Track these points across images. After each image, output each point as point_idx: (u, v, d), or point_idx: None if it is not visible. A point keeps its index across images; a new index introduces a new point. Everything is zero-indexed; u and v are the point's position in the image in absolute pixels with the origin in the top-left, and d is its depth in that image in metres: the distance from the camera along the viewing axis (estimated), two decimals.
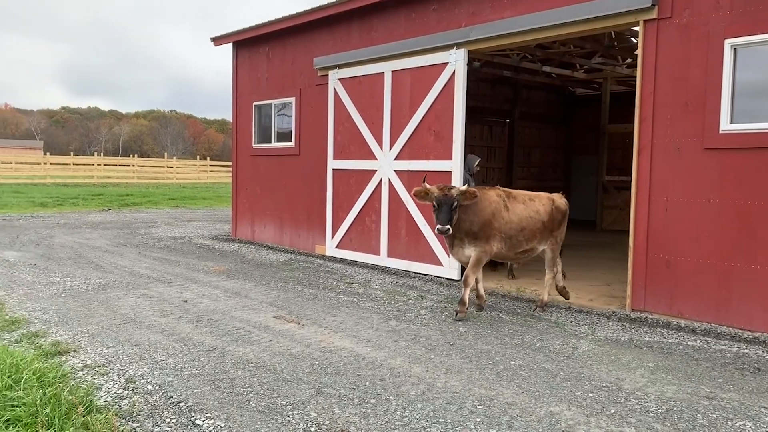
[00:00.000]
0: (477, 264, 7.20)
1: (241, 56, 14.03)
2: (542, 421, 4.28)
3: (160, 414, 4.30)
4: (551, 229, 7.72)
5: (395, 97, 10.20)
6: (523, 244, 7.51)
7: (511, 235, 7.36)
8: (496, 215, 7.25)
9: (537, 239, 7.59)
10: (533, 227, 7.50)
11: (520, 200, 7.59)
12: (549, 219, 7.67)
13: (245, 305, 7.57)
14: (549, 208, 7.70)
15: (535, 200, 7.70)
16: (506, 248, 7.40)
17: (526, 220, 7.47)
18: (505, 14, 8.68)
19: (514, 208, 7.44)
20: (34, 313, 6.94)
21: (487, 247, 7.20)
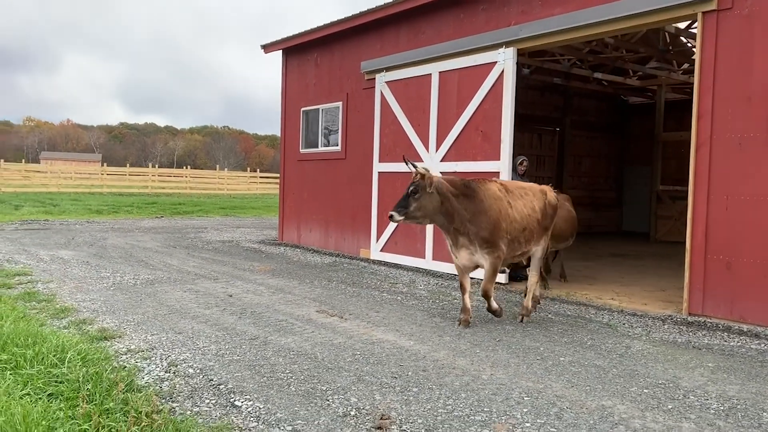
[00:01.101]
0: (494, 274, 6.35)
1: (290, 63, 14.19)
2: (593, 413, 4.05)
3: (200, 395, 4.27)
4: (545, 226, 6.94)
5: (442, 98, 10.10)
6: (523, 246, 6.64)
7: (514, 236, 6.44)
8: (503, 214, 6.32)
9: (534, 239, 6.79)
10: (531, 226, 6.64)
11: (517, 195, 6.67)
12: (543, 216, 6.85)
13: (289, 300, 7.54)
14: (542, 203, 6.90)
15: (529, 194, 6.82)
16: (509, 250, 6.45)
17: (527, 219, 6.58)
18: (555, 11, 8.50)
19: (516, 205, 6.54)
20: (83, 303, 7.07)
21: (499, 252, 6.28)
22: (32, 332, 5.20)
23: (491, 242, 6.20)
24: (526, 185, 7.02)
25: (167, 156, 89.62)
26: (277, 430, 3.70)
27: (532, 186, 7.09)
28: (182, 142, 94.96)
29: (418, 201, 5.96)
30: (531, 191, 6.89)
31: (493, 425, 3.83)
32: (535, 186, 7.12)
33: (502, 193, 6.49)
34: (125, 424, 3.57)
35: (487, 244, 6.20)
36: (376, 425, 3.78)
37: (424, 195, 5.97)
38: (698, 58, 7.14)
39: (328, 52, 12.94)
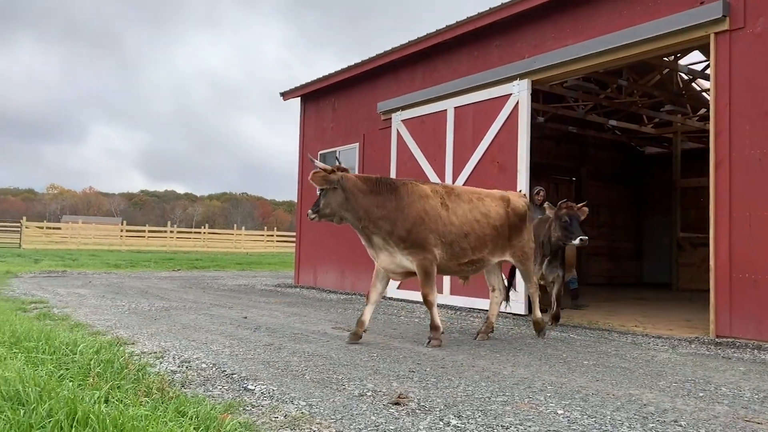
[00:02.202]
0: (425, 276, 5.81)
1: (308, 109, 14.52)
2: (620, 398, 3.87)
3: (213, 383, 4.15)
4: (508, 236, 6.39)
5: (458, 133, 10.21)
6: (469, 254, 6.09)
7: (451, 240, 5.95)
8: (430, 214, 5.87)
9: (488, 248, 6.21)
10: (481, 233, 6.11)
11: (464, 199, 6.20)
12: (503, 223, 6.32)
13: (304, 321, 7.43)
14: (503, 210, 6.38)
15: (485, 200, 6.36)
16: (447, 257, 5.97)
17: (471, 224, 6.07)
18: (569, 42, 8.68)
19: (456, 208, 6.06)
20: (98, 322, 7.01)
21: (428, 254, 5.80)
22: (46, 331, 5.16)
23: (412, 242, 5.76)
24: (483, 191, 6.61)
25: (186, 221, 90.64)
26: (290, 405, 3.57)
27: (492, 192, 6.66)
28: (201, 207, 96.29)
29: (325, 198, 5.81)
30: (489, 197, 6.45)
31: (515, 404, 3.67)
32: (495, 192, 6.69)
33: (438, 195, 6.06)
34: (135, 397, 3.46)
35: (405, 244, 5.77)
36: (393, 401, 3.64)
37: (329, 192, 5.79)
38: (713, 78, 7.20)
39: (345, 96, 13.24)
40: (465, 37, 10.13)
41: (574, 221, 6.93)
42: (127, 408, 2.98)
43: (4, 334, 5.04)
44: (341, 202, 5.80)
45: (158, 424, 2.78)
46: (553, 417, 3.42)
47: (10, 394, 3.09)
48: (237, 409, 3.43)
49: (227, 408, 3.39)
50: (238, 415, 3.31)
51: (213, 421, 3.01)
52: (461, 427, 3.20)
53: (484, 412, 3.47)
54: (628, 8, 8.01)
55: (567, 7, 8.70)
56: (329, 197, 5.79)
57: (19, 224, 33.66)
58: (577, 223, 6.94)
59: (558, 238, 7.18)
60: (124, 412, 2.88)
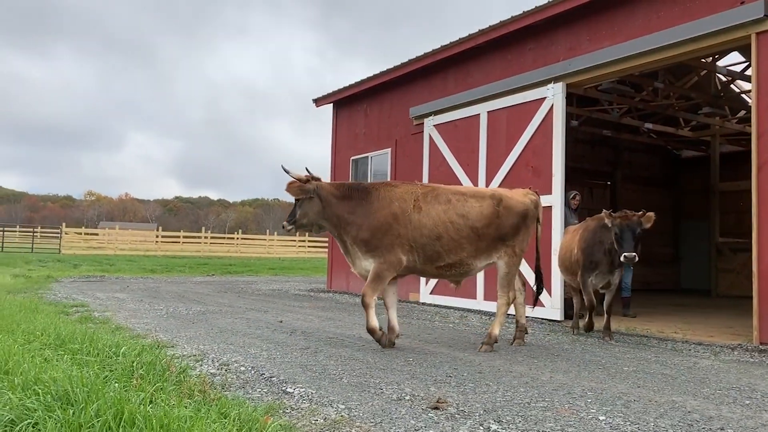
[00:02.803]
0: (375, 279, 5.65)
1: (340, 115, 14.61)
2: (663, 405, 3.80)
3: (252, 386, 4.20)
4: (496, 237, 5.89)
5: (491, 137, 10.17)
6: (444, 257, 5.77)
7: (423, 244, 5.68)
8: (400, 218, 5.67)
9: (467, 251, 5.81)
10: (457, 236, 5.74)
11: (442, 200, 5.86)
12: (488, 224, 5.84)
13: (338, 325, 7.47)
14: (489, 209, 5.88)
15: (468, 200, 5.92)
16: (420, 261, 5.75)
17: (444, 226, 5.73)
18: (604, 44, 8.58)
19: (429, 210, 5.76)
20: (137, 325, 7.15)
21: (389, 257, 5.62)
22: (89, 334, 5.28)
23: (375, 246, 5.64)
24: (471, 190, 6.22)
25: (219, 227, 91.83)
26: (329, 408, 3.59)
27: (479, 190, 6.31)
28: (234, 213, 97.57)
29: (301, 208, 5.80)
30: (475, 196, 6.02)
31: (555, 409, 3.63)
32: (485, 190, 6.34)
33: (412, 197, 5.82)
34: (178, 399, 3.52)
35: (367, 247, 5.67)
36: (432, 406, 3.63)
37: (305, 201, 5.79)
38: (755, 79, 7.04)
39: (377, 102, 13.29)
40: (498, 41, 10.10)
41: (626, 233, 6.28)
42: (172, 409, 3.03)
43: (49, 337, 5.18)
44: (318, 210, 5.81)
45: (202, 425, 2.83)
46: (594, 423, 3.38)
47: (59, 393, 3.17)
48: (277, 412, 3.47)
49: (268, 410, 3.43)
50: (279, 417, 3.34)
51: (255, 423, 3.05)
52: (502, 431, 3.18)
53: (524, 418, 3.44)
54: (665, 9, 7.89)
55: (602, 9, 8.61)
56: (306, 207, 5.80)
57: (59, 230, 34.52)
58: (629, 236, 6.27)
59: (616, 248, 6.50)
60: (169, 413, 2.93)
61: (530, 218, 6.17)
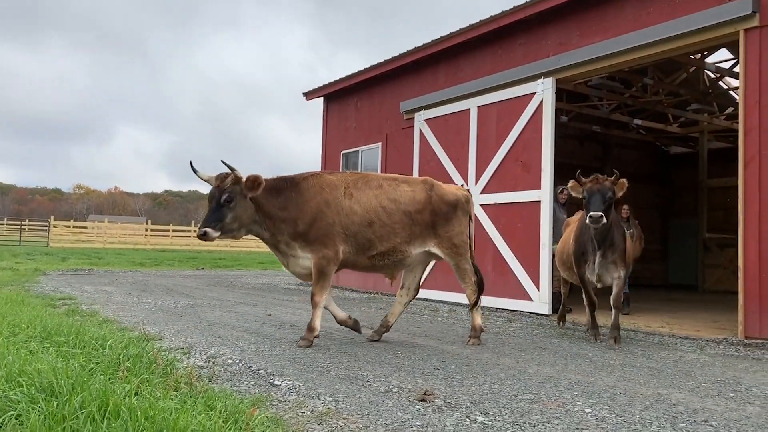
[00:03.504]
0: (320, 276, 5.40)
1: (331, 109, 14.57)
2: (648, 398, 3.83)
3: (239, 378, 4.19)
4: (429, 224, 5.73)
5: (481, 132, 10.18)
6: (377, 245, 5.53)
7: (355, 231, 5.44)
8: (331, 204, 5.41)
9: (400, 237, 5.60)
10: (389, 221, 5.54)
11: (372, 185, 5.66)
12: (421, 210, 5.68)
13: (328, 319, 7.43)
14: (422, 195, 5.74)
15: (400, 185, 5.76)
16: (353, 251, 5.50)
17: (376, 211, 5.51)
18: (595, 39, 8.59)
19: (360, 196, 5.54)
20: (125, 318, 7.11)
21: (327, 251, 5.34)
22: (75, 326, 5.25)
23: (313, 238, 5.33)
24: (402, 177, 6.03)
25: None
26: (317, 401, 3.59)
27: (411, 177, 6.14)
28: None
29: (234, 210, 5.18)
30: (407, 182, 5.87)
31: (542, 402, 3.65)
32: (415, 177, 6.13)
33: (343, 184, 5.59)
34: (164, 391, 3.50)
35: (306, 240, 5.35)
36: (419, 398, 3.64)
37: (240, 202, 5.20)
38: (742, 75, 7.08)
39: (368, 96, 13.26)
40: (488, 36, 10.09)
41: (595, 196, 5.73)
42: (158, 401, 3.02)
43: (35, 329, 5.13)
44: (252, 213, 5.32)
45: (188, 417, 2.81)
46: (580, 415, 3.39)
47: (44, 386, 3.14)
48: (264, 404, 3.46)
49: (254, 402, 3.42)
50: (266, 409, 3.33)
51: (241, 415, 3.04)
52: (488, 423, 3.19)
53: (510, 410, 3.45)
54: (655, 5, 7.91)
55: (593, 4, 8.63)
56: (239, 209, 5.23)
57: (47, 223, 34.27)
58: (598, 198, 5.71)
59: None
60: (155, 404, 2.92)
61: (461, 210, 5.96)
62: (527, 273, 9.06)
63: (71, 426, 2.69)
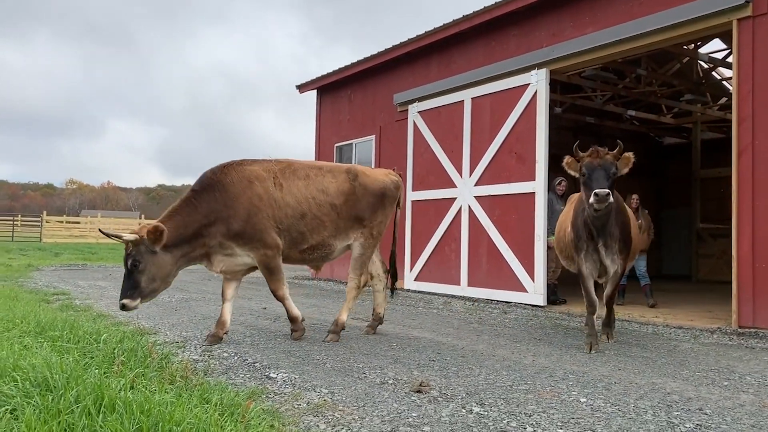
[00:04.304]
0: (269, 273, 5.22)
1: (324, 101, 14.52)
2: (643, 387, 3.85)
3: (235, 371, 4.19)
4: (356, 215, 5.48)
5: (475, 124, 10.17)
6: (308, 238, 5.30)
7: (288, 225, 5.19)
8: (262, 197, 5.11)
9: (328, 230, 5.38)
10: (319, 212, 5.30)
11: (300, 174, 5.37)
12: (345, 201, 5.43)
13: (323, 312, 7.46)
14: (345, 185, 5.47)
15: (325, 175, 5.48)
16: (286, 245, 5.23)
17: (308, 202, 5.27)
18: (587, 30, 8.58)
19: (291, 186, 5.26)
20: (119, 313, 7.07)
21: (268, 248, 5.12)
22: (70, 321, 5.23)
23: (250, 236, 5.06)
24: (327, 165, 5.69)
25: None
26: (312, 393, 3.59)
27: (335, 165, 5.75)
28: None
29: (146, 272, 4.81)
30: (331, 171, 5.56)
31: (537, 392, 3.66)
32: (340, 165, 5.77)
33: (271, 174, 5.27)
34: (160, 384, 3.49)
35: (244, 240, 5.06)
36: (414, 389, 3.64)
37: (149, 261, 4.80)
38: (736, 65, 7.09)
39: (361, 88, 13.22)
40: (482, 27, 10.07)
41: (597, 172, 4.89)
42: (153, 394, 3.01)
43: (29, 324, 5.12)
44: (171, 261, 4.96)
45: (184, 410, 2.81)
46: (576, 405, 3.41)
47: (38, 380, 3.13)
48: (260, 397, 3.46)
49: (250, 395, 3.41)
50: (262, 402, 3.33)
51: (237, 408, 3.04)
52: (484, 414, 3.20)
53: (506, 400, 3.46)
54: None
55: None
56: (152, 267, 4.83)
57: (40, 219, 34.11)
58: (601, 174, 4.86)
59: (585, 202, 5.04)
60: (150, 398, 2.91)
61: (389, 198, 5.66)
62: (522, 265, 9.07)
63: (67, 420, 2.68)
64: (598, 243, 5.20)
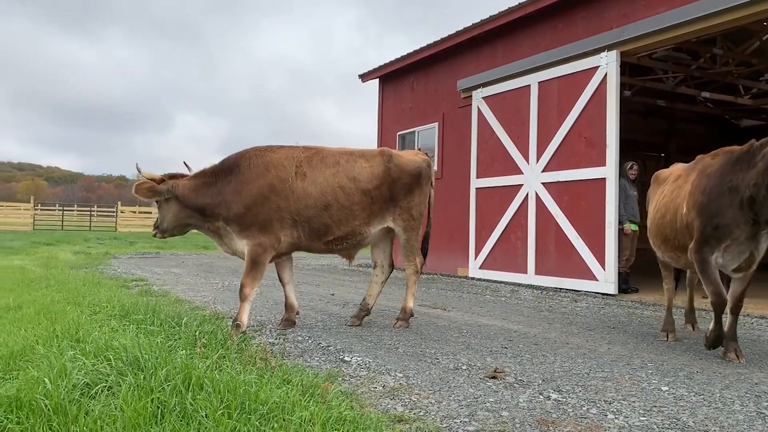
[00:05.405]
0: (253, 266, 4.95)
1: (386, 90, 14.55)
2: (728, 377, 3.72)
3: (310, 354, 4.28)
4: (389, 197, 5.25)
5: (542, 108, 9.97)
6: (334, 230, 5.09)
7: (309, 216, 4.98)
8: (277, 188, 4.93)
9: (359, 219, 5.15)
10: (348, 202, 5.07)
11: (329, 162, 5.15)
12: (379, 185, 5.20)
13: (389, 298, 7.52)
14: (379, 168, 5.24)
15: (357, 161, 5.25)
16: (306, 237, 5.05)
17: (334, 193, 5.03)
18: (660, 9, 8.26)
19: (316, 176, 5.04)
20: (195, 297, 7.35)
21: (264, 238, 4.91)
22: (151, 305, 5.46)
23: (249, 223, 4.91)
24: (358, 150, 5.45)
25: None
26: (387, 376, 3.63)
27: (366, 150, 5.51)
28: None
29: (161, 212, 5.15)
30: (363, 156, 5.34)
31: (616, 380, 3.59)
32: (371, 149, 5.54)
33: (294, 163, 5.07)
34: (241, 365, 3.61)
35: (241, 226, 4.93)
36: (489, 375, 3.64)
37: (161, 205, 5.13)
38: None
39: (423, 76, 13.17)
40: (548, 10, 9.85)
41: None
42: (238, 374, 3.12)
43: (114, 308, 5.37)
44: (177, 211, 5.09)
45: (268, 390, 2.90)
46: (657, 393, 3.32)
47: (130, 360, 3.29)
48: (337, 379, 3.53)
49: (328, 377, 3.49)
50: (339, 384, 3.40)
51: (317, 389, 3.11)
52: (562, 401, 3.17)
53: (584, 387, 3.41)
54: None
55: None
56: (164, 210, 5.14)
57: (115, 209, 35.67)
58: None
59: None
60: (235, 377, 3.01)
61: (424, 178, 5.49)
62: (592, 252, 8.87)
63: (159, 398, 2.81)
64: (762, 229, 4.10)
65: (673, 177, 5.22)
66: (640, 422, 2.85)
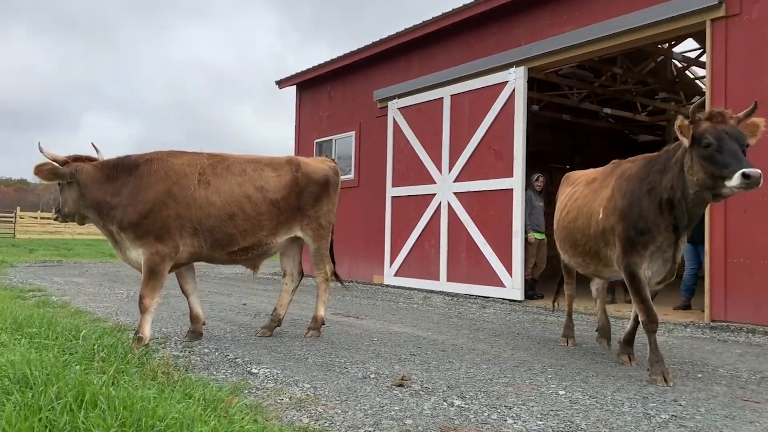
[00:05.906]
0: (151, 275, 4.71)
1: (304, 97, 14.48)
2: (620, 379, 3.94)
3: (216, 367, 4.19)
4: (297, 207, 5.16)
5: (454, 121, 10.23)
6: (239, 240, 4.91)
7: (211, 226, 4.80)
8: (178, 196, 4.74)
9: (266, 229, 5.01)
10: (254, 212, 4.93)
11: (235, 171, 4.99)
12: (287, 194, 5.10)
13: (303, 307, 7.47)
14: (287, 177, 5.13)
15: (264, 170, 5.11)
16: (208, 247, 4.86)
17: (240, 203, 4.88)
18: (566, 29, 8.68)
19: (220, 185, 4.87)
20: (97, 309, 7.02)
21: (161, 246, 4.68)
22: (47, 317, 5.17)
23: (145, 231, 4.68)
24: (266, 158, 5.30)
25: None
26: (295, 387, 3.61)
27: (274, 158, 5.35)
28: None
29: (62, 195, 4.97)
30: (271, 165, 5.20)
31: (517, 385, 3.72)
32: (279, 157, 5.37)
33: (197, 170, 4.89)
34: (141, 380, 3.49)
35: (136, 233, 4.71)
36: (396, 383, 3.68)
37: (64, 187, 4.93)
38: (709, 64, 7.24)
39: (341, 84, 13.21)
40: (461, 25, 10.13)
41: (729, 144, 3.58)
42: (135, 390, 3.00)
43: (5, 321, 5.04)
44: (76, 198, 4.89)
45: (167, 405, 2.81)
46: (554, 397, 3.47)
47: (17, 377, 3.10)
48: (242, 392, 3.47)
49: (233, 390, 3.42)
50: (244, 397, 3.34)
51: (220, 403, 3.05)
52: (465, 407, 3.25)
53: (486, 393, 3.52)
54: None
55: None
56: (65, 193, 4.94)
57: (13, 214, 33.54)
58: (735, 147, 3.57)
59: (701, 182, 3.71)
60: (132, 393, 2.90)
61: (332, 186, 5.44)
62: (500, 260, 9.16)
63: (48, 416, 2.66)
64: (680, 237, 4.06)
65: (587, 179, 5.08)
66: (537, 426, 2.97)
